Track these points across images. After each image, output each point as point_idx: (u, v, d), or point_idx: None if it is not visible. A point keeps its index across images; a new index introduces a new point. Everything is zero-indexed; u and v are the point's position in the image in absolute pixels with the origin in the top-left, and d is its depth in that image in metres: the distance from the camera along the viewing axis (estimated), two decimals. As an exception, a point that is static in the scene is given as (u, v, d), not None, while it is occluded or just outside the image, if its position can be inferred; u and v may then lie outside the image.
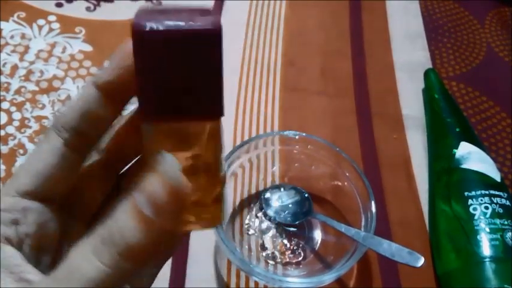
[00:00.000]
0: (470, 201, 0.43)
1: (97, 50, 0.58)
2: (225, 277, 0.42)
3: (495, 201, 0.43)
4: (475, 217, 0.42)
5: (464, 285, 0.40)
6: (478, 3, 0.71)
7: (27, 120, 0.50)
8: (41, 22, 0.59)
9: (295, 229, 0.45)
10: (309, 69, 0.60)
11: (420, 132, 0.54)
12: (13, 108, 0.51)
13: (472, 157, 0.46)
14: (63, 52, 0.57)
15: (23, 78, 0.54)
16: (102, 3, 0.63)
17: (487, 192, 0.44)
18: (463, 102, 0.58)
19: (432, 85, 0.55)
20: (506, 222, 0.42)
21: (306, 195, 0.45)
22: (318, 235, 0.45)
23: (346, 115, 0.56)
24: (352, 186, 0.44)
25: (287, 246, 0.44)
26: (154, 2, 0.65)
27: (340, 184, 0.45)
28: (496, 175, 0.46)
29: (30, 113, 0.51)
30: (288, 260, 0.43)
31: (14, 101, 0.51)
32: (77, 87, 0.54)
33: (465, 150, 0.47)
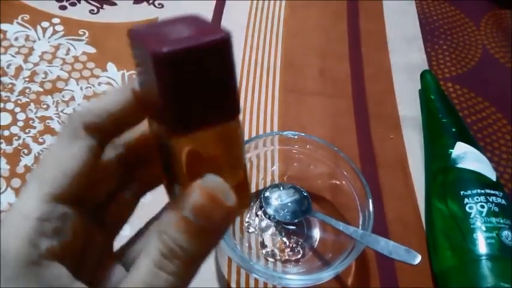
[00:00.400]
0: (466, 200, 0.43)
1: (100, 52, 0.58)
2: (225, 274, 0.43)
3: (491, 200, 0.43)
4: (471, 216, 0.42)
5: (461, 283, 0.40)
6: (474, 6, 0.71)
7: (31, 121, 0.51)
8: (45, 24, 0.60)
9: (294, 227, 0.45)
10: (307, 70, 0.60)
11: (417, 133, 0.55)
12: (17, 109, 0.51)
13: (467, 157, 0.47)
14: (67, 54, 0.57)
15: (27, 79, 0.54)
16: (105, 6, 0.64)
17: (483, 191, 0.44)
18: (459, 103, 0.59)
19: (428, 86, 0.56)
20: (502, 221, 0.42)
21: (304, 194, 0.46)
22: (316, 233, 0.45)
23: (344, 115, 0.56)
24: (350, 185, 0.44)
25: (286, 244, 0.44)
26: (156, 4, 0.65)
27: (338, 183, 0.46)
28: (491, 174, 0.46)
29: (35, 114, 0.51)
30: (287, 257, 0.44)
31: (18, 101, 0.52)
32: (81, 89, 0.54)
33: (461, 150, 0.47)
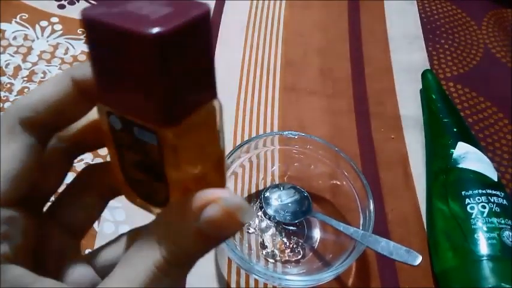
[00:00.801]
0: (467, 201, 0.43)
1: (99, 51, 0.58)
2: (225, 275, 0.43)
3: (492, 201, 0.43)
4: (472, 216, 0.42)
5: (462, 284, 0.40)
6: (475, 5, 0.71)
7: (30, 121, 0.50)
8: (44, 23, 0.60)
9: (295, 228, 0.45)
10: (308, 70, 0.60)
11: (418, 132, 0.55)
12: (16, 109, 0.51)
13: (469, 157, 0.46)
14: (66, 53, 0.57)
15: (25, 79, 0.54)
16: (103, 5, 0.64)
17: (484, 191, 0.44)
18: (460, 103, 0.58)
19: (430, 86, 0.55)
20: (503, 221, 0.42)
21: (305, 194, 0.45)
22: (316, 234, 0.45)
23: (345, 115, 0.56)
24: (351, 186, 0.44)
25: (286, 244, 0.44)
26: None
27: (338, 183, 0.46)
28: (493, 175, 0.46)
29: (33, 114, 0.51)
30: (287, 258, 0.43)
31: (16, 101, 0.52)
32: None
33: (462, 150, 0.47)
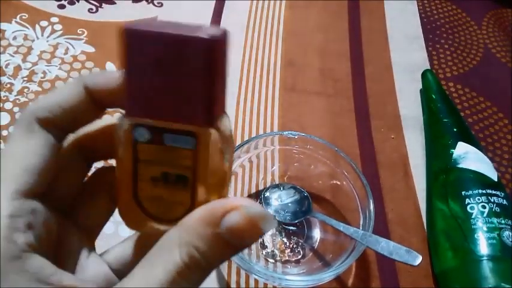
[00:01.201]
0: (467, 201, 0.43)
1: (99, 51, 0.58)
2: (225, 275, 0.43)
3: (492, 201, 0.43)
4: (472, 216, 0.42)
5: (462, 284, 0.40)
6: (476, 5, 0.71)
7: (30, 121, 0.50)
8: (44, 23, 0.60)
9: (295, 228, 0.45)
10: (308, 70, 0.60)
11: (418, 132, 0.55)
12: (16, 109, 0.51)
13: (469, 157, 0.46)
14: (66, 53, 0.57)
15: (25, 78, 0.54)
16: (104, 5, 0.64)
17: (484, 191, 0.44)
18: (460, 103, 0.58)
19: (430, 86, 0.55)
20: (503, 221, 0.42)
21: (305, 194, 0.45)
22: (317, 234, 0.45)
23: (345, 115, 0.56)
24: (351, 186, 0.44)
25: (286, 244, 0.44)
26: (156, 3, 0.65)
27: (338, 183, 0.46)
28: (493, 175, 0.46)
29: (33, 114, 0.51)
30: (287, 258, 0.43)
31: (17, 101, 0.52)
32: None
33: (462, 150, 0.47)
